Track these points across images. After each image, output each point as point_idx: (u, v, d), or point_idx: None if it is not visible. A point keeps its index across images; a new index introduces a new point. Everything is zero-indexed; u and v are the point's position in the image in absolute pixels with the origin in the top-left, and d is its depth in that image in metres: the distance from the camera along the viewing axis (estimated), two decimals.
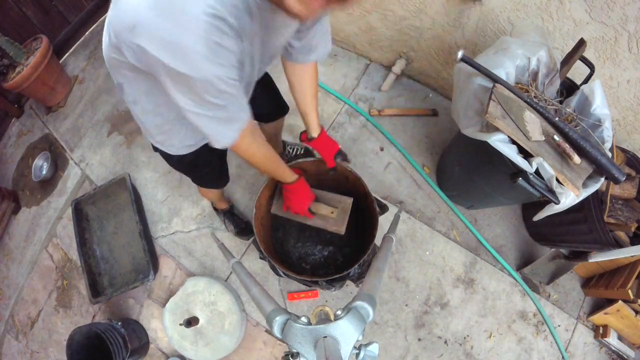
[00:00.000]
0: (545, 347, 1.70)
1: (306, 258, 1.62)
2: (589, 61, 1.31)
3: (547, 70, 1.28)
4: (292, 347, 0.52)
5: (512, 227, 1.86)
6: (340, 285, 1.39)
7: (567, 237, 1.62)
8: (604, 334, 1.68)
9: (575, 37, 1.34)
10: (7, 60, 2.05)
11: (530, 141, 1.12)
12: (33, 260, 2.00)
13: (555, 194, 1.15)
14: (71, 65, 2.48)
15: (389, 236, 0.93)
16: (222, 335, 1.56)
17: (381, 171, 1.92)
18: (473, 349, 1.68)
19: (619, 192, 1.44)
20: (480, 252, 1.81)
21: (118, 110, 2.22)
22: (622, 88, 1.42)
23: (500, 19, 1.49)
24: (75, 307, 1.88)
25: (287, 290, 1.73)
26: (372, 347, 0.55)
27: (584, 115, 1.26)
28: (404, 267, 1.77)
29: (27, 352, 1.87)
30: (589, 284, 1.77)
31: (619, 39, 1.27)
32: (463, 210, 1.85)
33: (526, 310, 1.74)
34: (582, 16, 1.29)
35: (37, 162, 2.14)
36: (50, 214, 2.06)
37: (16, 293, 1.98)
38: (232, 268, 0.90)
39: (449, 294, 1.74)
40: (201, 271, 1.79)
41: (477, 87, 1.22)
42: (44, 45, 2.09)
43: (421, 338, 1.69)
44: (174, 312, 1.60)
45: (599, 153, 1.14)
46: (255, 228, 1.33)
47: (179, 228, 1.88)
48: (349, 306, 0.56)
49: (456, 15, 1.59)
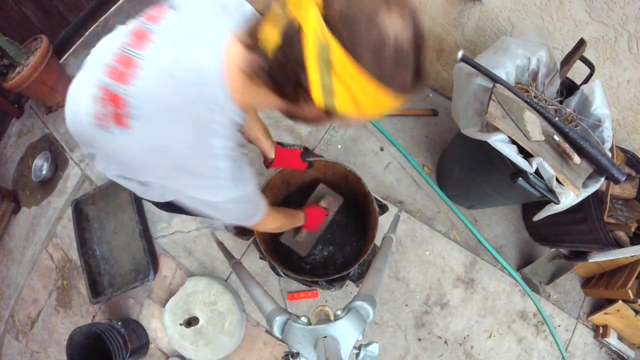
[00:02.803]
0: (545, 347, 1.70)
1: (306, 258, 1.62)
2: (589, 61, 1.31)
3: (547, 70, 1.28)
4: (292, 347, 0.52)
5: (512, 227, 1.86)
6: (340, 285, 1.39)
7: (567, 237, 1.62)
8: (604, 334, 1.68)
9: (575, 37, 1.34)
10: (7, 60, 2.04)
11: (530, 141, 1.12)
12: (33, 260, 2.00)
13: (555, 194, 1.15)
14: (71, 65, 2.48)
15: (389, 236, 0.93)
16: (222, 335, 1.56)
17: (381, 171, 1.92)
18: (473, 349, 1.68)
19: (619, 192, 1.44)
20: (480, 252, 1.80)
21: None
22: (622, 88, 1.42)
23: (500, 19, 1.49)
24: (75, 307, 1.88)
25: (287, 290, 1.73)
26: (372, 347, 0.55)
27: (584, 115, 1.26)
28: (404, 267, 1.77)
29: (27, 352, 1.87)
30: (589, 284, 1.77)
31: (619, 39, 1.27)
32: (463, 210, 1.85)
33: (526, 310, 1.74)
34: (582, 16, 1.29)
35: (37, 162, 2.14)
36: (50, 214, 2.06)
37: (16, 293, 1.98)
38: (232, 268, 0.90)
39: (449, 294, 1.74)
40: (201, 271, 1.79)
41: (477, 87, 1.22)
42: (44, 45, 2.09)
43: (421, 338, 1.68)
44: (174, 312, 1.60)
45: (599, 153, 1.14)
46: None
47: (179, 228, 1.88)
48: (349, 306, 0.56)
49: (456, 15, 1.59)
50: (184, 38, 0.59)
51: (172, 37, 0.60)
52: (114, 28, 0.70)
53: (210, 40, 0.58)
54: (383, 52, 0.47)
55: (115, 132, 0.61)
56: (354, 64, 0.47)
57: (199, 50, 0.58)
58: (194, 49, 0.58)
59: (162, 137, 0.59)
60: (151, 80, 0.58)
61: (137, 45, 0.61)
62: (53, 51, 2.18)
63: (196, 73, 0.57)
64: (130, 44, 0.61)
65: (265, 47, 0.50)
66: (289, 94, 0.54)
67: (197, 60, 0.57)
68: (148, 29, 0.62)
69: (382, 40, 0.46)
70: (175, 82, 0.57)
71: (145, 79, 0.58)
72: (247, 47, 0.54)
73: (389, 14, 0.47)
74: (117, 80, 0.59)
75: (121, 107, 0.59)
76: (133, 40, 0.62)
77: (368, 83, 0.48)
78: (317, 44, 0.47)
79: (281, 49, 0.49)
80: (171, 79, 0.57)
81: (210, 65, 0.57)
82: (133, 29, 0.64)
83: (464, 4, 1.52)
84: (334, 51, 0.46)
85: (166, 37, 0.61)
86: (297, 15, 0.47)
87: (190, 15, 0.63)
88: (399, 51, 0.47)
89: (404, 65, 0.49)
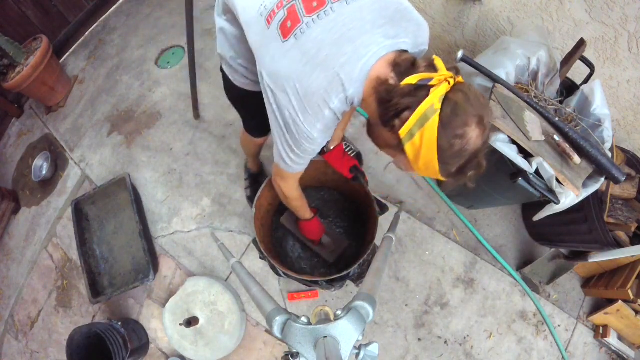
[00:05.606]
0: (545, 347, 1.70)
1: (306, 258, 1.62)
2: (589, 61, 1.31)
3: (547, 70, 1.28)
4: (292, 347, 0.52)
5: (512, 227, 1.86)
6: (340, 285, 1.39)
7: (567, 237, 1.62)
8: (604, 334, 1.68)
9: (575, 37, 1.34)
10: (7, 60, 2.05)
11: (530, 141, 1.12)
12: (33, 260, 2.00)
13: (555, 194, 1.15)
14: (71, 65, 2.48)
15: (389, 236, 0.93)
16: (222, 335, 1.56)
17: (381, 171, 1.92)
18: (473, 349, 1.68)
19: (619, 192, 1.44)
20: (480, 252, 1.80)
21: (118, 110, 2.22)
22: (622, 88, 1.42)
23: (500, 19, 1.49)
24: (75, 307, 1.87)
25: (287, 290, 1.73)
26: (372, 347, 0.55)
27: (584, 115, 1.26)
28: (404, 267, 1.77)
29: (27, 352, 1.87)
30: (589, 284, 1.77)
31: (619, 39, 1.27)
32: (463, 210, 1.85)
33: (526, 310, 1.74)
34: (582, 16, 1.29)
35: (37, 162, 2.14)
36: (50, 214, 2.06)
37: (16, 293, 1.98)
38: (232, 268, 0.90)
39: (449, 294, 1.74)
40: (201, 271, 1.79)
41: (477, 87, 1.22)
42: (44, 45, 2.09)
43: (421, 338, 1.68)
44: (174, 312, 1.60)
45: (599, 153, 1.14)
46: (255, 228, 1.33)
47: (179, 228, 1.88)
48: (349, 306, 0.56)
49: (456, 15, 1.59)
50: (368, 19, 0.71)
51: (361, 10, 0.72)
52: (114, 28, 0.71)
53: (382, 42, 0.70)
54: (455, 142, 0.64)
55: (272, 33, 0.74)
56: (436, 137, 0.63)
57: (369, 39, 0.70)
58: (368, 35, 0.70)
59: (303, 64, 0.71)
60: (327, 25, 0.70)
61: None
62: (53, 51, 2.18)
63: (356, 49, 0.69)
64: None
65: (405, 82, 0.66)
66: (387, 116, 0.69)
67: (363, 44, 0.69)
68: None
69: (460, 137, 0.64)
70: (340, 41, 0.70)
71: (325, 21, 0.71)
72: (393, 70, 0.69)
73: (476, 127, 0.65)
74: (304, 5, 0.72)
75: (293, 22, 0.72)
76: None
77: (433, 150, 0.65)
78: (429, 107, 0.63)
79: (410, 88, 0.65)
80: (339, 37, 0.70)
81: (368, 55, 0.69)
82: None
83: (464, 4, 1.52)
84: (434, 119, 0.63)
85: (358, 5, 0.72)
86: (435, 82, 0.64)
87: (383, 8, 0.73)
88: (463, 149, 0.65)
89: (459, 159, 0.67)
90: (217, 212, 1.88)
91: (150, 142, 2.06)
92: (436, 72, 0.66)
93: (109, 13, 2.61)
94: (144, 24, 2.51)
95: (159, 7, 2.59)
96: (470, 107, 0.64)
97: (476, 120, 0.64)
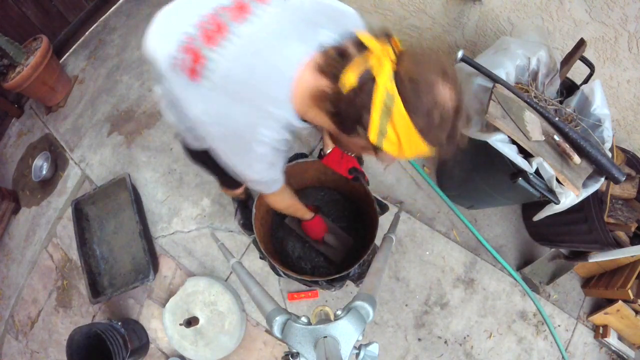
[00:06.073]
0: (545, 347, 1.70)
1: (306, 258, 1.62)
2: (589, 61, 1.31)
3: (547, 70, 1.28)
4: (292, 347, 0.52)
5: (512, 227, 1.86)
6: (340, 285, 1.39)
7: (567, 237, 1.62)
8: (604, 334, 1.68)
9: (575, 37, 1.34)
10: (7, 60, 2.05)
11: (530, 141, 1.12)
12: (33, 260, 2.00)
13: (555, 194, 1.15)
14: (71, 65, 2.48)
15: (389, 236, 0.93)
16: (222, 335, 1.56)
17: (381, 171, 1.92)
18: (473, 349, 1.68)
19: (619, 192, 1.44)
20: (480, 252, 1.80)
21: (118, 110, 2.22)
22: (622, 88, 1.42)
23: (500, 19, 1.49)
24: (75, 307, 1.87)
25: (287, 290, 1.73)
26: (372, 347, 0.55)
27: (584, 115, 1.26)
28: (404, 267, 1.77)
29: (27, 352, 1.87)
30: (589, 284, 1.77)
31: (619, 39, 1.27)
32: (463, 210, 1.85)
33: (526, 310, 1.74)
34: (582, 16, 1.29)
35: (37, 162, 2.14)
36: (50, 214, 2.06)
37: (16, 293, 1.98)
38: (232, 268, 0.90)
39: (449, 294, 1.74)
40: (201, 271, 1.79)
41: (477, 87, 1.22)
42: (44, 45, 2.09)
43: (421, 338, 1.68)
44: (174, 312, 1.60)
45: (599, 153, 1.14)
46: (255, 228, 1.33)
47: (179, 228, 1.88)
48: (349, 306, 0.56)
49: (456, 15, 1.59)
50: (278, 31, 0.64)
51: (268, 26, 0.65)
52: (114, 28, 0.72)
53: (298, 49, 0.63)
54: (432, 114, 0.57)
55: (184, 80, 0.67)
56: (409, 121, 0.56)
57: (282, 51, 0.63)
58: (280, 48, 0.63)
59: (223, 105, 0.66)
60: (233, 54, 0.63)
61: (235, 16, 0.65)
62: (53, 51, 2.18)
63: (270, 69, 0.63)
64: (229, 11, 0.66)
65: (344, 85, 0.58)
66: (347, 127, 0.63)
67: (277, 59, 0.63)
68: (252, 6, 0.66)
69: (434, 105, 0.56)
70: (251, 67, 0.63)
71: (229, 50, 0.63)
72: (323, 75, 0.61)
73: (444, 86, 0.57)
74: (204, 39, 0.65)
75: (199, 63, 0.65)
76: (233, 9, 0.66)
77: (414, 135, 0.58)
78: (385, 95, 0.56)
79: (354, 91, 0.58)
80: (249, 62, 0.63)
81: (285, 69, 0.63)
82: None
83: (464, 4, 1.52)
84: (397, 105, 0.56)
85: (263, 23, 0.65)
86: (375, 66, 0.56)
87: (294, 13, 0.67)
88: (444, 116, 0.58)
89: (444, 127, 0.59)
90: (217, 212, 1.88)
91: (150, 142, 2.06)
92: (369, 51, 0.58)
93: (109, 13, 2.60)
94: (144, 24, 2.49)
95: (159, 7, 2.56)
96: (425, 70, 0.57)
97: (440, 78, 0.57)
